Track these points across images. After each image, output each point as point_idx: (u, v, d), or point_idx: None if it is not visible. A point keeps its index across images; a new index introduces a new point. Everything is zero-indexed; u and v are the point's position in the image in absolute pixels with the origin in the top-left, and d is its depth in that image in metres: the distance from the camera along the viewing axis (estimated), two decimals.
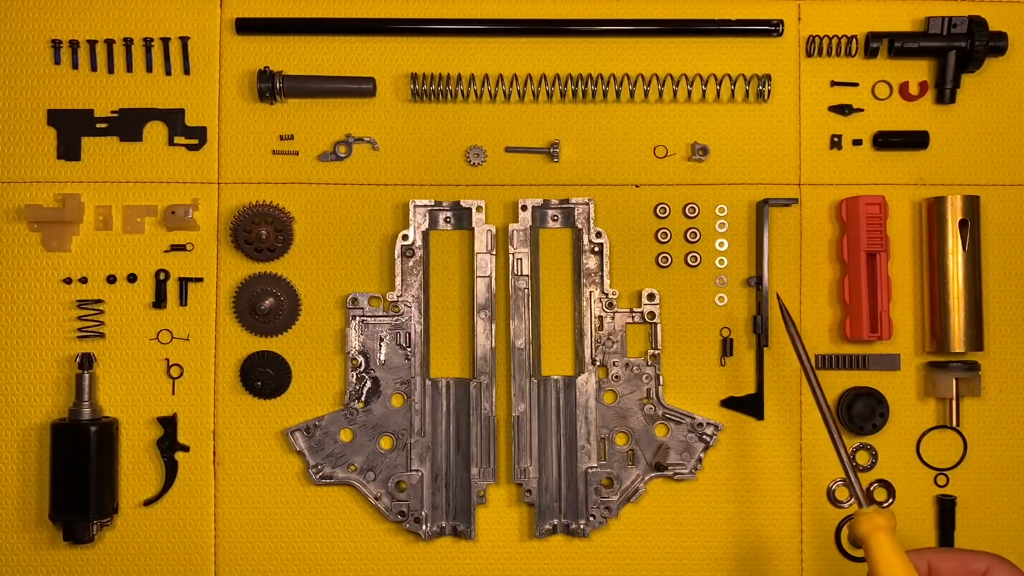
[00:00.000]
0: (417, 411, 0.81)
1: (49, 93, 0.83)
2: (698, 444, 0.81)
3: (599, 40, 0.84)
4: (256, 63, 0.83)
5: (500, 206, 0.83)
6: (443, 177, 0.83)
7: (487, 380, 0.81)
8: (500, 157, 0.83)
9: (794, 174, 0.84)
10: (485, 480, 0.81)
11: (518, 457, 0.80)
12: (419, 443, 0.81)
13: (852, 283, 0.81)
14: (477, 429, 0.81)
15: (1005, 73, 0.85)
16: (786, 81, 0.84)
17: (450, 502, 0.81)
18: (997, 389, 0.83)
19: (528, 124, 0.84)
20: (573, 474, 0.81)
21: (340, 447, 0.81)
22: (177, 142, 0.83)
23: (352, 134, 0.83)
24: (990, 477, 0.82)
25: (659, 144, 0.84)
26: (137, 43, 0.83)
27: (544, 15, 0.84)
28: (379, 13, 0.83)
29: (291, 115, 0.83)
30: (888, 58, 0.84)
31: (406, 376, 0.81)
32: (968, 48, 0.82)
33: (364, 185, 0.83)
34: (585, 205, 0.82)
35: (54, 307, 0.82)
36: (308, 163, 0.83)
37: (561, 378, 0.82)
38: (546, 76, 0.83)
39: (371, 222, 0.83)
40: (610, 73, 0.83)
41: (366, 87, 0.82)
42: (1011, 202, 0.84)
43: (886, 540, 0.60)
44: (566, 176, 0.83)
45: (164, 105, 0.83)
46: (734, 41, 0.84)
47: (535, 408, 0.81)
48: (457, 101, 0.83)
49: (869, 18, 0.84)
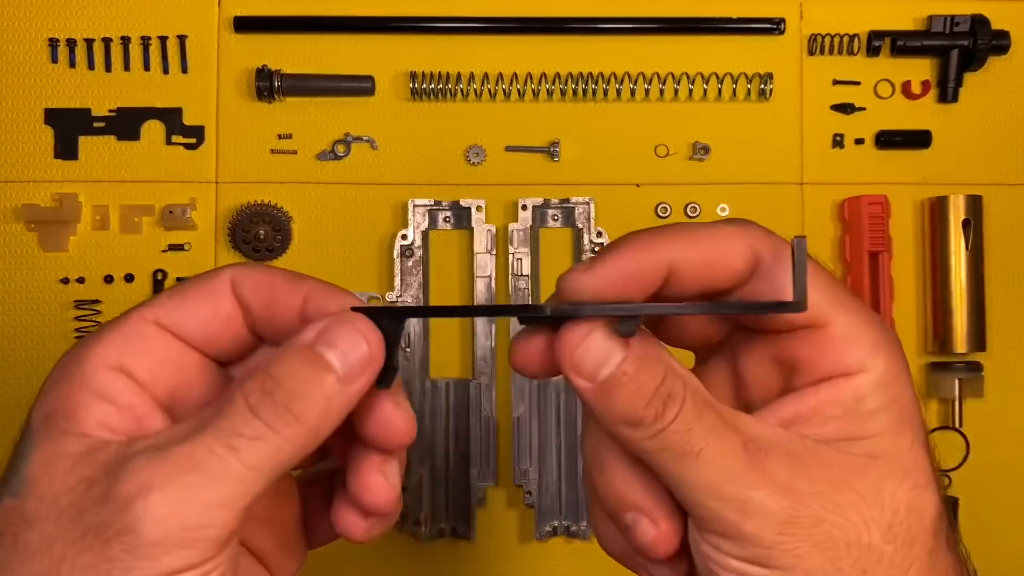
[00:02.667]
0: (416, 412, 0.80)
1: (46, 92, 0.83)
2: None
3: (599, 38, 0.83)
4: (254, 61, 0.82)
5: (500, 205, 0.83)
6: (442, 176, 0.83)
7: (487, 381, 0.80)
8: (500, 156, 0.83)
9: (796, 173, 0.83)
10: (485, 481, 0.80)
11: (518, 458, 0.80)
12: (418, 444, 0.81)
13: (854, 283, 0.80)
14: (477, 430, 0.80)
15: (1008, 72, 0.84)
16: (788, 80, 0.84)
17: (449, 504, 0.81)
18: (1000, 390, 0.82)
19: (528, 123, 0.83)
20: (574, 476, 0.81)
21: None
22: (175, 141, 0.82)
23: (351, 133, 0.83)
24: (993, 478, 0.82)
25: (660, 143, 0.83)
26: (135, 41, 0.83)
27: (544, 13, 0.83)
28: (378, 11, 0.83)
29: (289, 114, 0.83)
30: (890, 57, 0.84)
31: (405, 376, 0.81)
32: (971, 47, 0.82)
33: (363, 184, 0.83)
34: (586, 204, 0.81)
35: (52, 307, 0.81)
36: (307, 162, 0.83)
37: (561, 378, 0.81)
38: (546, 75, 0.82)
39: (370, 222, 0.82)
40: (610, 72, 0.82)
41: (365, 86, 0.82)
42: (1014, 201, 0.83)
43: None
44: (566, 175, 0.83)
45: (162, 104, 0.82)
46: (735, 39, 0.83)
47: (535, 409, 0.80)
48: (457, 100, 0.83)
49: (871, 16, 0.84)
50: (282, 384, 0.31)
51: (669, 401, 0.32)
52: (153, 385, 0.34)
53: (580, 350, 0.33)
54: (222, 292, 0.35)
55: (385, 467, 0.35)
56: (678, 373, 0.33)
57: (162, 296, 0.35)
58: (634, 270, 0.34)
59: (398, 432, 0.34)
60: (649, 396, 0.32)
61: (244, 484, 0.31)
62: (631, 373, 0.32)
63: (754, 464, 0.31)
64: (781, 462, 0.32)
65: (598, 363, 0.32)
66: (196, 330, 0.35)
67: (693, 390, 0.32)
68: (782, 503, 0.31)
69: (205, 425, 0.31)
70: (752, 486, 0.31)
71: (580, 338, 0.33)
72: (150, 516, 0.29)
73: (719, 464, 0.31)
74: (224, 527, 0.30)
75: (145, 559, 0.29)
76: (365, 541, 0.37)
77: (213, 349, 0.36)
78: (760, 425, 0.33)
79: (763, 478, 0.31)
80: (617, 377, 0.32)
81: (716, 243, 0.35)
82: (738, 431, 0.32)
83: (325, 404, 0.32)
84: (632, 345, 0.32)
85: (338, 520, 0.36)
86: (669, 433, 0.32)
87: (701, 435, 0.32)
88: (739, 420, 0.33)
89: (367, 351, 0.32)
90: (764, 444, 0.32)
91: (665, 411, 0.32)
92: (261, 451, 0.31)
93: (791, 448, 0.32)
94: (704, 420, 0.32)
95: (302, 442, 0.31)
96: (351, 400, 0.32)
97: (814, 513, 0.31)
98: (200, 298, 0.35)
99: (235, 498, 0.30)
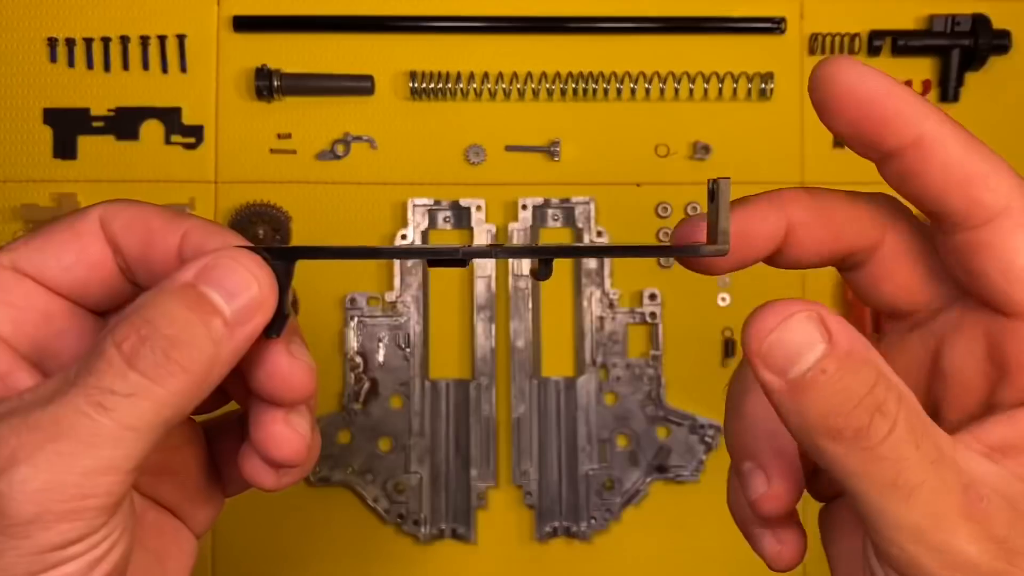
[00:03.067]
0: (416, 412, 0.80)
1: (45, 92, 0.82)
2: (700, 446, 0.80)
3: (600, 38, 0.83)
4: (254, 61, 0.82)
5: (500, 205, 0.82)
6: (442, 176, 0.83)
7: (487, 381, 0.80)
8: (500, 156, 0.83)
9: (797, 173, 0.83)
10: (485, 482, 0.80)
11: (518, 459, 0.80)
12: (418, 445, 0.80)
13: None
14: (477, 431, 0.80)
15: (1009, 71, 0.84)
16: (789, 79, 0.83)
17: (449, 504, 0.81)
18: None
19: (528, 122, 0.83)
20: (574, 476, 0.80)
21: (338, 449, 0.80)
22: (174, 141, 0.82)
23: (350, 133, 0.82)
24: None
25: (661, 143, 0.83)
26: (134, 41, 0.82)
27: (544, 13, 0.83)
28: (378, 11, 0.83)
29: (289, 113, 0.82)
30: (891, 56, 0.84)
31: (405, 377, 0.81)
32: (972, 46, 0.82)
33: (362, 184, 0.82)
34: (586, 204, 0.81)
35: None
36: (306, 162, 0.82)
37: (562, 379, 0.81)
38: (546, 74, 0.82)
39: (369, 221, 0.82)
40: (611, 71, 0.82)
41: (364, 85, 0.82)
42: None
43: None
44: (567, 175, 0.83)
45: (161, 104, 0.82)
46: (736, 39, 0.83)
47: (535, 409, 0.80)
48: (457, 99, 0.83)
49: (872, 16, 0.84)
50: (160, 329, 0.27)
51: (878, 415, 0.26)
52: (15, 337, 0.31)
53: (772, 338, 0.26)
54: (89, 233, 0.31)
55: (290, 416, 0.31)
56: (892, 383, 0.26)
57: (19, 240, 0.32)
58: (745, 229, 0.30)
59: (294, 386, 0.31)
60: (853, 404, 0.26)
61: (125, 446, 0.27)
62: (831, 372, 0.26)
63: (973, 513, 0.26)
64: (1001, 511, 0.26)
65: (792, 357, 0.26)
66: (60, 275, 0.31)
67: (910, 409, 0.26)
68: (994, 563, 0.26)
69: (74, 382, 0.27)
70: (967, 539, 0.26)
71: (775, 321, 0.26)
72: (19, 492, 0.26)
73: (933, 508, 0.26)
74: (108, 494, 0.27)
75: (19, 538, 0.26)
76: (277, 490, 0.33)
77: (83, 296, 0.32)
78: (978, 460, 0.27)
79: (981, 531, 0.26)
80: (815, 376, 0.26)
81: (841, 209, 0.31)
82: (959, 469, 0.26)
83: (212, 351, 0.28)
84: (836, 338, 0.26)
85: (246, 469, 0.32)
86: (876, 457, 0.26)
87: (917, 468, 0.26)
88: (958, 453, 0.27)
89: (258, 291, 0.29)
90: (984, 488, 0.26)
91: (872, 427, 0.26)
92: (139, 408, 0.27)
93: (1011, 493, 0.26)
94: (922, 449, 0.26)
95: (188, 395, 0.28)
96: (240, 347, 0.29)
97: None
98: (64, 240, 0.31)
99: (117, 462, 0.27)
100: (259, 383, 0.31)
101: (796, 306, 0.26)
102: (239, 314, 0.28)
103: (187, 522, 0.35)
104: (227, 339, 0.28)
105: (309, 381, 0.31)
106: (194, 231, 0.31)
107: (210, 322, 0.28)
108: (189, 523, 0.35)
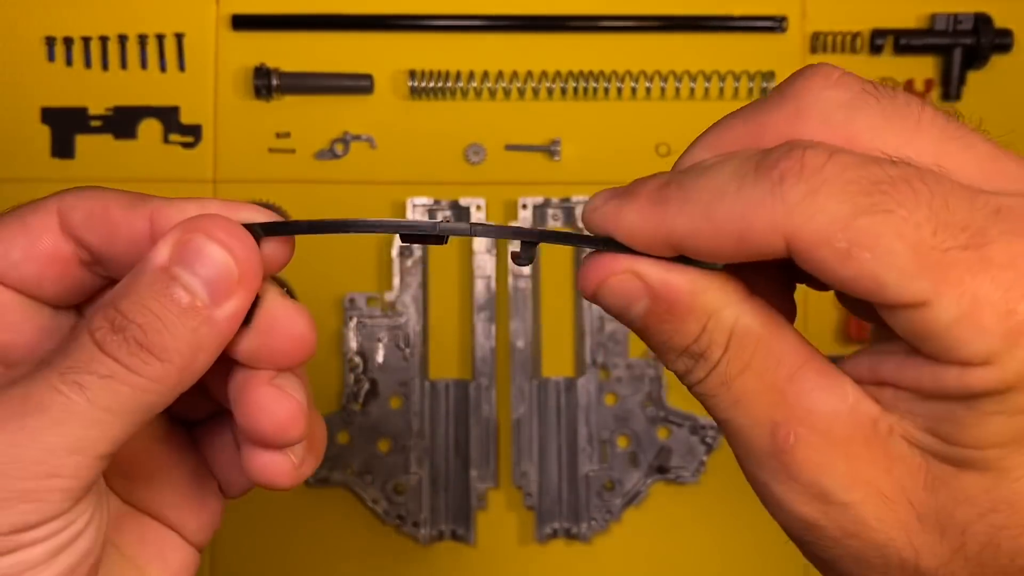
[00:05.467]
0: (416, 413, 0.80)
1: (42, 91, 0.82)
2: (701, 447, 0.80)
3: (600, 36, 0.83)
4: (252, 60, 0.82)
5: (500, 205, 0.82)
6: (442, 175, 0.82)
7: (487, 382, 0.80)
8: (500, 155, 0.82)
9: None
10: (485, 483, 0.80)
11: (518, 460, 0.79)
12: (417, 446, 0.80)
13: None
14: (477, 431, 0.80)
15: (1011, 70, 0.84)
16: None
17: (449, 506, 0.80)
18: None
19: (528, 121, 0.83)
20: (574, 477, 0.80)
21: (337, 449, 0.80)
22: (172, 140, 0.82)
23: (350, 132, 0.82)
24: None
25: (661, 142, 0.83)
26: (132, 40, 0.82)
27: (545, 11, 0.83)
28: (377, 9, 0.82)
29: (288, 112, 0.82)
30: (893, 55, 0.83)
31: (405, 378, 0.80)
32: (974, 45, 0.82)
33: (362, 183, 0.82)
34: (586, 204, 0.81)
35: None
36: (305, 161, 0.82)
37: (562, 379, 0.81)
38: (547, 73, 0.82)
39: None
40: (611, 70, 0.82)
41: (364, 84, 0.81)
42: None
43: None
44: (567, 174, 0.82)
45: (159, 103, 0.82)
46: (737, 37, 0.83)
47: (535, 410, 0.80)
48: (456, 98, 0.82)
49: (874, 15, 0.84)
50: (134, 320, 0.26)
51: (701, 361, 0.28)
52: None
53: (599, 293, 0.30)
54: (41, 226, 0.30)
55: (277, 379, 0.30)
56: (723, 326, 0.28)
57: None
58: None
59: (295, 340, 0.30)
60: (677, 353, 0.29)
61: (99, 427, 0.25)
62: (653, 328, 0.29)
63: (778, 452, 0.28)
64: (814, 452, 0.27)
65: (619, 311, 0.29)
66: (8, 270, 0.30)
67: (738, 348, 0.28)
68: (804, 509, 0.28)
69: (48, 362, 0.26)
70: (773, 478, 0.29)
71: (596, 280, 0.29)
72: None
73: (747, 445, 0.29)
74: (75, 476, 0.25)
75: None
76: (294, 484, 0.31)
77: (37, 290, 0.31)
78: (824, 399, 0.27)
79: (784, 471, 0.28)
80: (642, 327, 0.29)
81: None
82: (787, 404, 0.28)
83: (191, 337, 0.27)
84: (658, 291, 0.28)
85: (253, 468, 0.30)
86: (697, 395, 0.30)
87: (722, 407, 0.29)
88: (792, 387, 0.28)
89: (232, 263, 0.27)
90: (803, 427, 0.28)
91: (693, 373, 0.29)
92: (117, 391, 0.26)
93: (844, 433, 0.27)
94: (733, 390, 0.29)
95: (170, 382, 0.27)
96: (223, 330, 0.27)
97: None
98: (11, 234, 0.30)
99: (88, 443, 0.25)
100: (253, 349, 0.30)
101: (620, 264, 0.28)
102: (216, 295, 0.27)
103: (179, 531, 0.34)
104: (206, 323, 0.27)
105: (312, 333, 0.31)
106: (160, 210, 0.29)
107: (185, 307, 0.27)
108: (181, 532, 0.34)
